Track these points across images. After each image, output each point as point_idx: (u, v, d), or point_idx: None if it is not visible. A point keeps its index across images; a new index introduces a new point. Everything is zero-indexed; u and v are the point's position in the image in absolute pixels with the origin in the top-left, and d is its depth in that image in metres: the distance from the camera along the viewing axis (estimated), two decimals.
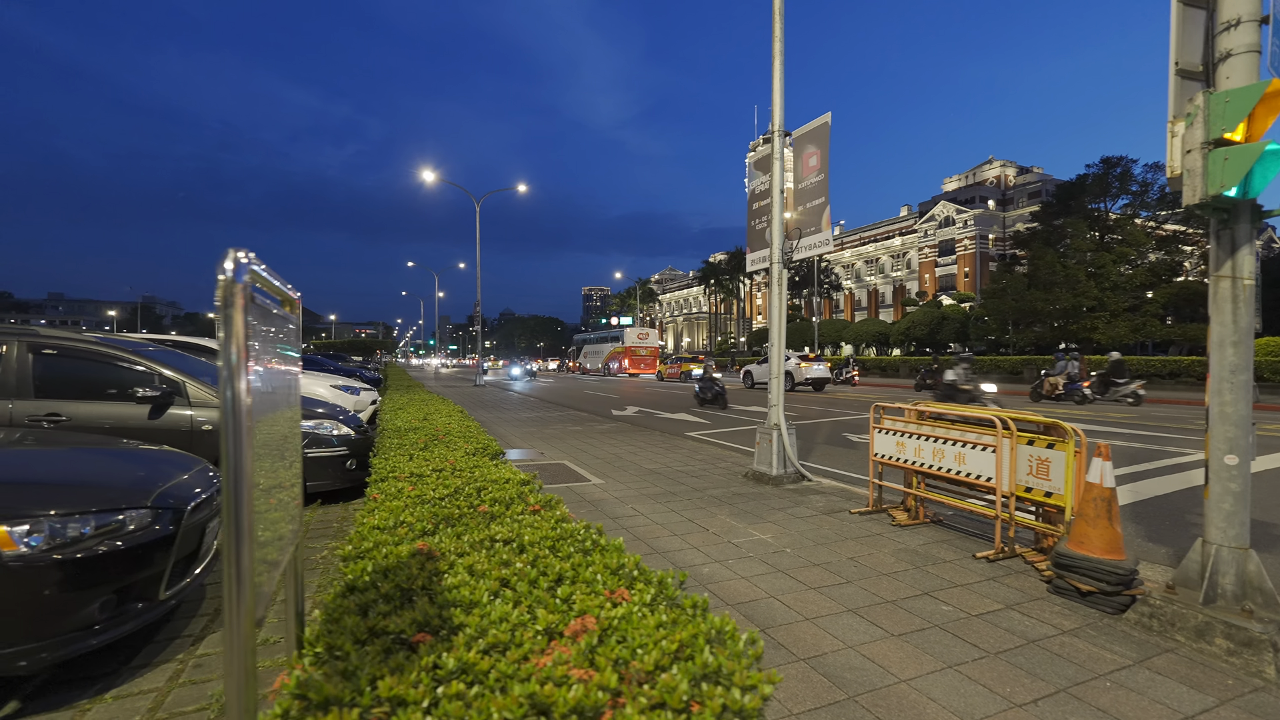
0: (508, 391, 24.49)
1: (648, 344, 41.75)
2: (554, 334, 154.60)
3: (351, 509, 5.34)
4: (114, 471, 2.88)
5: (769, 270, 6.87)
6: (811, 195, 6.46)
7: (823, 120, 6.26)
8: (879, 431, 5.28)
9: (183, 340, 8.34)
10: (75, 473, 2.78)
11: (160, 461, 3.12)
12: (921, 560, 4.08)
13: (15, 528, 2.23)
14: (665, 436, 10.47)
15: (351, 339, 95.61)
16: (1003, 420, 4.21)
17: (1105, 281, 29.37)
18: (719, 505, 5.55)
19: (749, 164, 7.45)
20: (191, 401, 4.94)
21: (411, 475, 3.15)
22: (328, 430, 5.42)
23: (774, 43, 6.72)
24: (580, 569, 1.66)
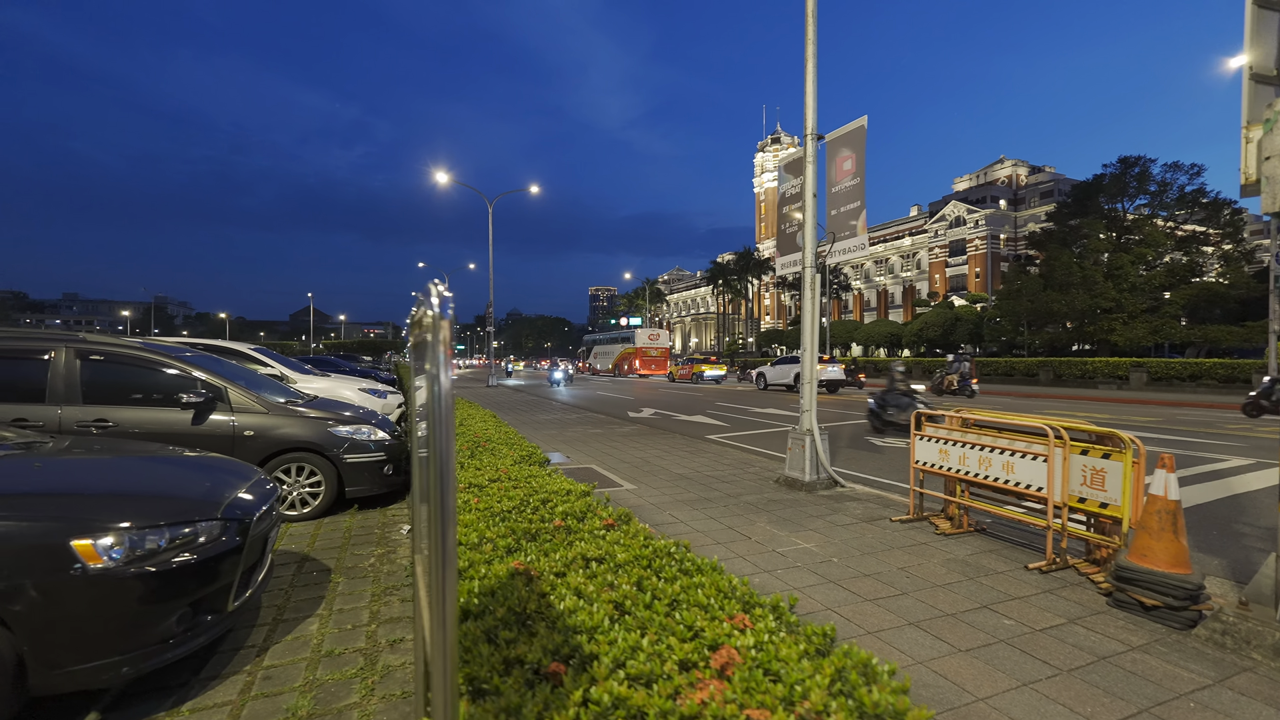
0: (520, 393, 24.53)
1: (659, 345, 41.69)
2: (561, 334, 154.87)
3: (390, 515, 5.34)
4: (182, 482, 2.88)
5: (800, 274, 6.83)
6: (846, 199, 6.41)
7: (858, 124, 6.21)
8: (920, 439, 5.23)
9: (214, 344, 8.40)
10: (145, 483, 2.79)
11: (221, 471, 3.13)
12: (973, 571, 4.03)
13: (99, 540, 2.23)
14: (687, 440, 10.44)
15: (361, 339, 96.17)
16: (1054, 429, 4.15)
17: (1123, 282, 28.97)
18: (756, 512, 5.51)
19: (779, 167, 7.41)
20: (233, 407, 4.96)
21: (471, 485, 3.14)
22: (365, 435, 5.42)
23: (806, 45, 6.68)
24: (689, 590, 1.64)
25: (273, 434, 5.00)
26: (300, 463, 5.11)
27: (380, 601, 3.41)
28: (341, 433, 5.30)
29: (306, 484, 5.16)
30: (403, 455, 5.86)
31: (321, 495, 5.17)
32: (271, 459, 5.01)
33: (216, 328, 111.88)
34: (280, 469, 5.05)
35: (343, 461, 5.20)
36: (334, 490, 5.20)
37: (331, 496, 5.20)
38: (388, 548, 4.40)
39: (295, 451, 5.09)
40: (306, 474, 5.16)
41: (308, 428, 5.17)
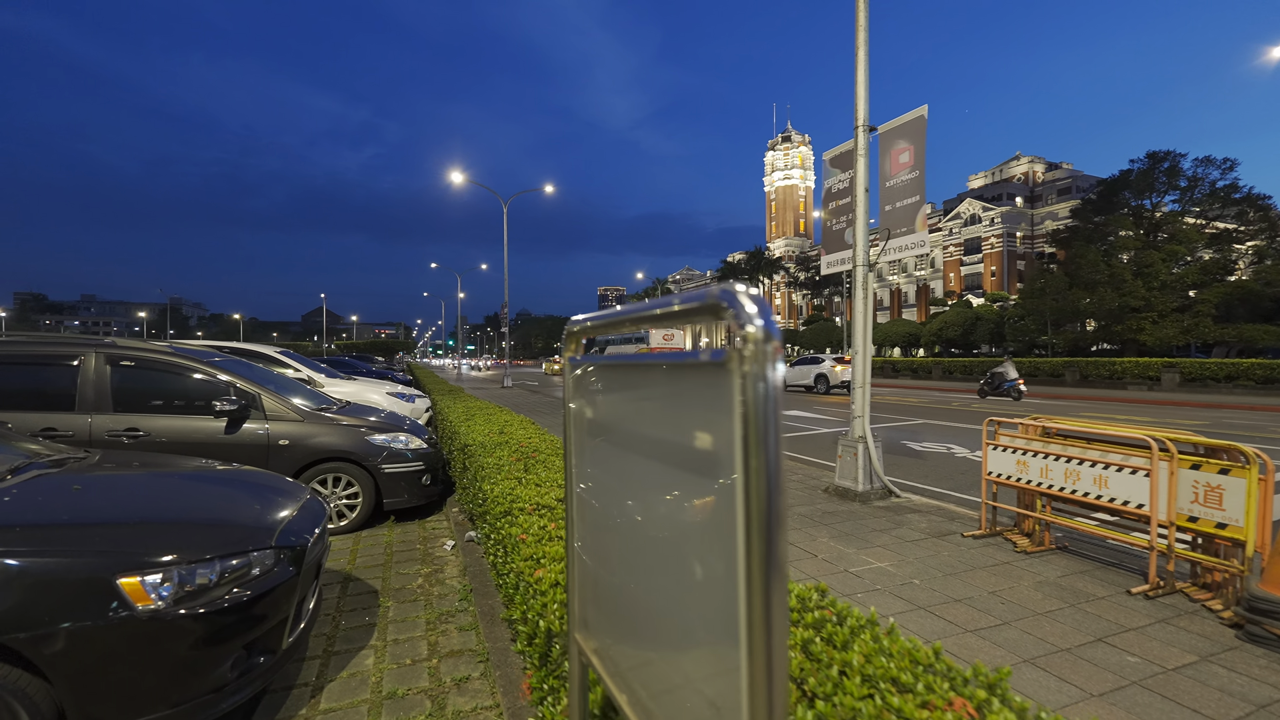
0: (536, 394, 24.30)
1: (673, 345, 41.31)
2: None
3: (429, 528, 5.08)
4: (230, 505, 2.62)
5: (850, 273, 6.50)
6: (902, 194, 6.07)
7: (917, 113, 5.87)
8: (994, 449, 4.89)
9: (239, 346, 8.20)
10: (191, 507, 2.52)
11: (268, 490, 2.86)
12: (1071, 596, 3.70)
13: (147, 576, 1.96)
14: None
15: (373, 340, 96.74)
16: (1160, 441, 3.81)
17: (1153, 281, 28.17)
18: (815, 526, 5.19)
19: (825, 161, 7.08)
20: (267, 415, 4.72)
21: (540, 507, 2.85)
22: (403, 444, 5.17)
23: (858, 32, 6.35)
24: (873, 659, 1.33)
25: (308, 443, 4.75)
26: (337, 473, 4.86)
27: (437, 631, 3.13)
28: (379, 441, 5.05)
29: (343, 495, 4.91)
30: (439, 465, 5.60)
31: (359, 508, 4.92)
32: (307, 469, 4.76)
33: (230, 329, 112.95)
34: (316, 480, 4.80)
35: (381, 472, 4.95)
36: (372, 502, 4.95)
37: (369, 509, 4.94)
38: (433, 565, 4.13)
39: (332, 461, 4.84)
40: (343, 485, 4.91)
41: (344, 436, 4.92)
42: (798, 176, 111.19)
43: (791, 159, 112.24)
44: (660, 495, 0.79)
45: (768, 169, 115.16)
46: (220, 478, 3.02)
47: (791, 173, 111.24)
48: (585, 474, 1.05)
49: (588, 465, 1.04)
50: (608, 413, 0.96)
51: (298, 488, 3.05)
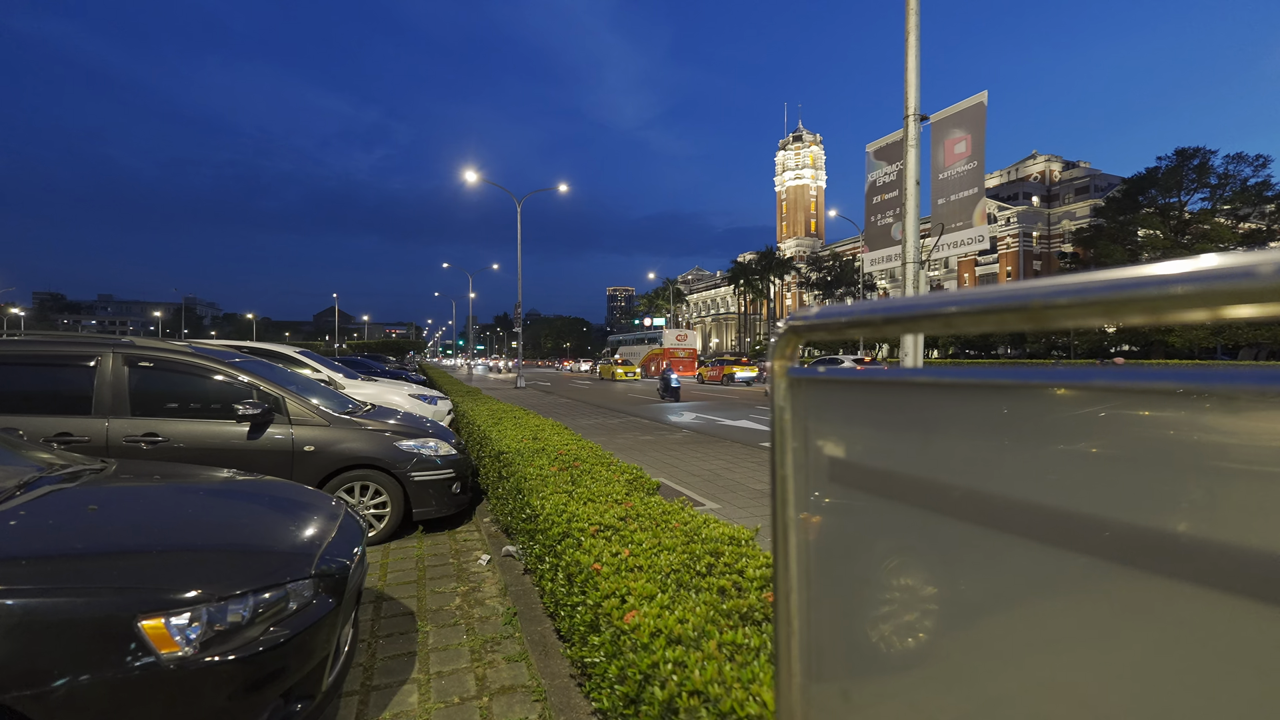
0: (550, 395, 24.07)
1: (686, 345, 40.97)
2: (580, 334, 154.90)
3: (460, 540, 4.79)
4: (263, 525, 2.33)
5: (896, 271, 6.16)
6: (958, 186, 5.73)
7: (976, 100, 5.52)
8: None
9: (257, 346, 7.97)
10: (220, 530, 2.24)
11: (301, 506, 2.58)
12: None
13: (173, 618, 1.68)
14: (746, 449, 9.80)
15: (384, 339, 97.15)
16: None
17: None
18: None
19: (869, 153, 6.74)
20: (292, 419, 4.46)
21: (603, 528, 2.54)
22: (433, 450, 4.89)
23: (908, 16, 6.00)
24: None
25: (335, 449, 4.48)
26: (364, 481, 4.59)
27: (483, 662, 2.84)
28: (408, 447, 4.77)
29: (371, 505, 4.64)
30: (469, 472, 5.32)
31: (387, 518, 4.64)
32: (332, 478, 4.49)
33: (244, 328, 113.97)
34: (343, 489, 4.53)
35: (410, 480, 4.67)
36: (400, 512, 4.67)
37: (398, 519, 4.67)
38: (469, 583, 3.84)
39: (359, 469, 4.56)
40: (371, 494, 4.63)
41: (372, 442, 4.64)
42: (809, 176, 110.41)
43: (803, 158, 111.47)
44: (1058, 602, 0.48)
45: (779, 168, 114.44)
46: (248, 492, 2.74)
47: (803, 172, 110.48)
48: (837, 535, 0.74)
49: (843, 523, 0.73)
50: (889, 453, 0.65)
51: (334, 502, 2.76)
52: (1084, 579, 0.45)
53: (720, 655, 1.46)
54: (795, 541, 0.76)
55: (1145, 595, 0.41)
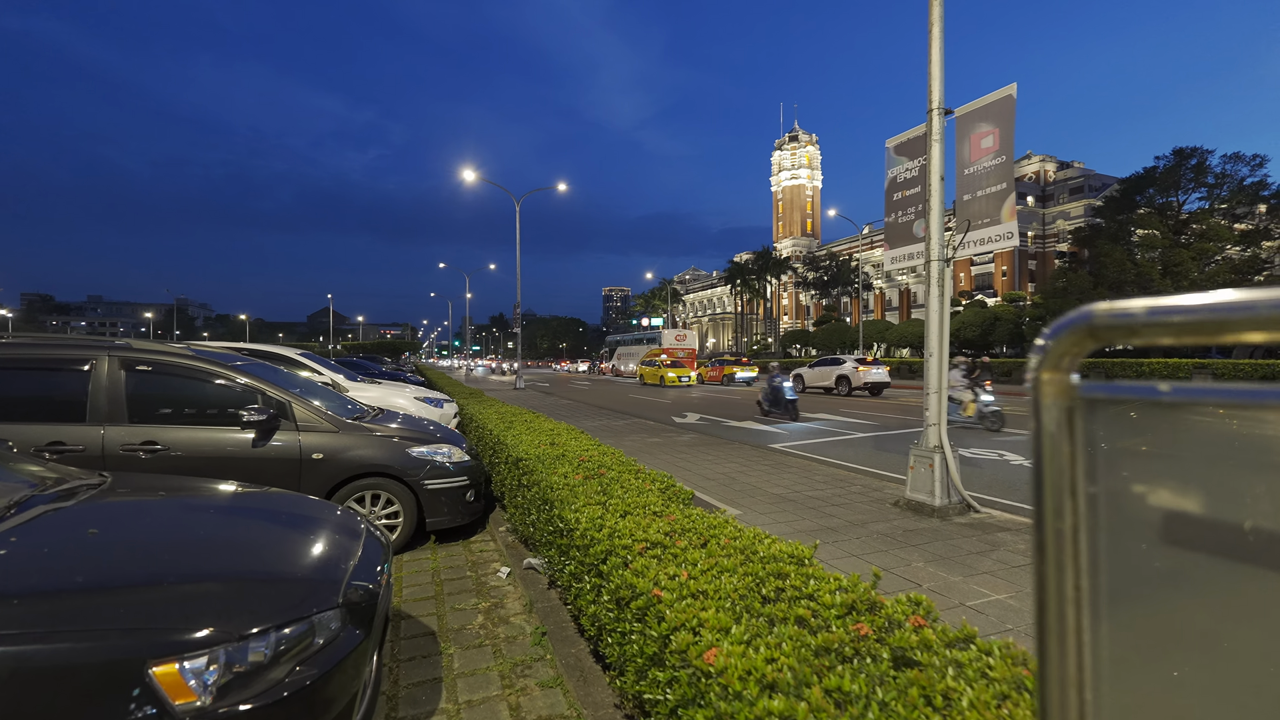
0: (551, 396, 23.83)
1: (686, 345, 40.76)
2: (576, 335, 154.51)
3: (475, 550, 4.58)
4: (281, 548, 2.12)
5: (920, 269, 5.99)
6: (985, 181, 5.56)
7: (1005, 93, 5.35)
8: None
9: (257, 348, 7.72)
10: (234, 553, 2.02)
11: (320, 523, 2.37)
12: None
13: (188, 662, 1.47)
14: (757, 450, 9.62)
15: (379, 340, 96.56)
16: None
17: (1182, 280, 27.50)
18: (900, 547, 4.68)
19: (889, 149, 6.56)
20: (299, 425, 4.23)
21: (653, 545, 2.34)
22: (446, 457, 4.67)
23: (931, 8, 5.83)
24: None
25: (344, 456, 4.26)
26: (376, 490, 4.37)
27: (515, 689, 2.63)
28: (420, 454, 4.56)
29: (383, 515, 4.42)
30: (482, 479, 5.11)
31: (400, 528, 4.42)
32: (342, 486, 4.28)
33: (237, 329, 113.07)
34: (353, 498, 4.31)
35: (423, 488, 4.46)
36: (413, 522, 4.46)
37: (410, 529, 4.45)
38: (490, 599, 3.63)
39: (370, 477, 4.35)
40: (382, 503, 4.42)
41: (384, 449, 4.43)
42: (805, 176, 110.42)
43: (799, 159, 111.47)
44: None
45: (774, 169, 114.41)
46: (261, 508, 2.52)
47: (799, 172, 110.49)
48: (1175, 625, 0.54)
49: (1188, 607, 0.52)
50: None
51: (354, 519, 2.55)
52: None
53: (828, 705, 1.26)
54: (1090, 636, 0.55)
55: None
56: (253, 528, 2.28)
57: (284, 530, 2.28)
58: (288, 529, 2.29)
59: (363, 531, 2.40)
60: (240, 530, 2.23)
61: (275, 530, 2.28)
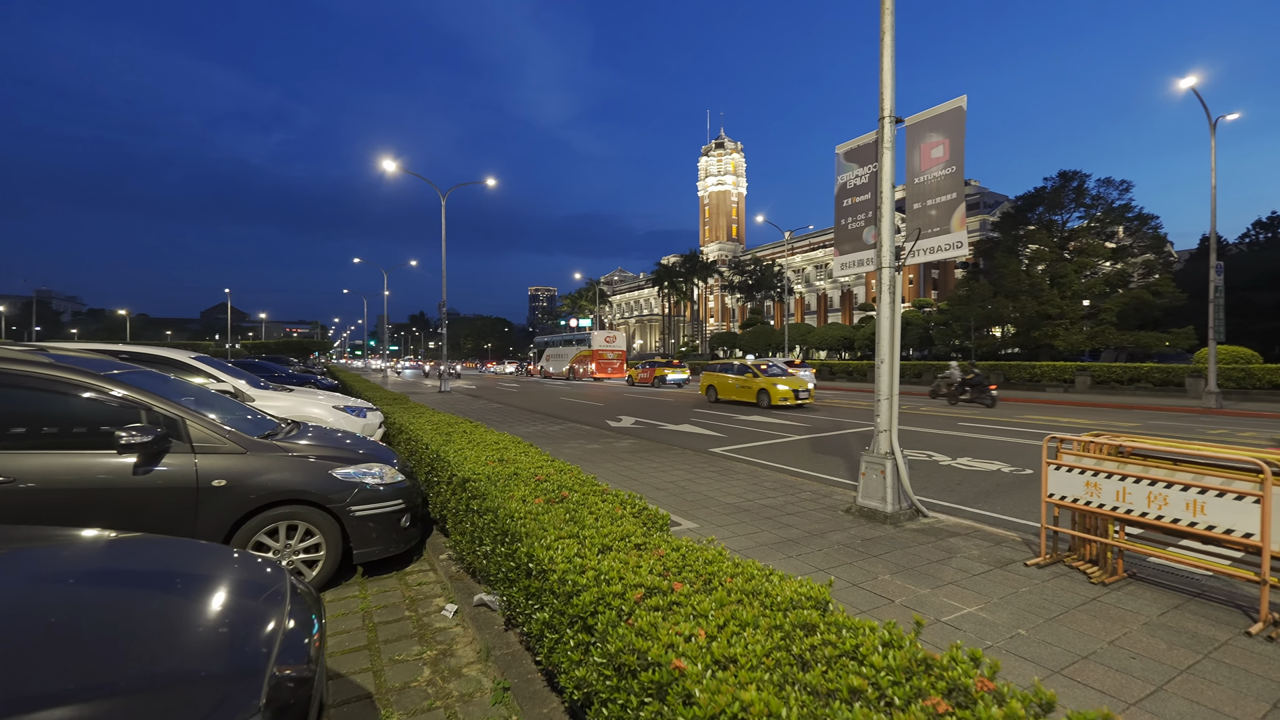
0: (479, 399, 22.80)
1: (615, 347, 40.52)
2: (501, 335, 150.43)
3: (411, 583, 4.04)
4: (175, 630, 1.57)
5: (871, 274, 6.01)
6: (935, 190, 5.64)
7: (955, 104, 5.45)
8: (1056, 469, 4.49)
9: (140, 350, 6.63)
10: (106, 650, 1.46)
11: (224, 582, 1.84)
12: (1193, 642, 3.28)
13: None
14: (699, 455, 9.49)
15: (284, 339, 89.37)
16: (1275, 465, 3.47)
17: (1066, 290, 30.67)
18: (861, 557, 4.61)
19: (839, 155, 6.58)
20: (195, 446, 3.55)
21: (647, 590, 2.01)
22: (378, 478, 4.10)
23: (883, 16, 5.88)
24: None
25: (254, 482, 3.61)
26: (292, 520, 3.74)
27: None
28: (346, 476, 3.96)
29: (300, 548, 3.79)
30: (420, 501, 4.57)
31: (321, 563, 3.82)
32: (251, 518, 3.62)
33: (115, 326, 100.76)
34: (264, 531, 3.66)
35: (349, 515, 3.87)
36: (338, 555, 3.86)
37: (334, 563, 3.86)
38: (437, 645, 3.15)
39: (285, 505, 3.71)
40: (300, 535, 3.79)
41: (302, 471, 3.80)
42: (730, 183, 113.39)
43: (725, 165, 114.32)
44: None
45: (701, 174, 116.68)
46: (140, 568, 1.94)
47: (725, 179, 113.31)
48: None
49: None
50: None
51: (271, 570, 2.03)
52: None
53: None
54: None
55: None
56: (132, 601, 1.71)
57: (177, 598, 1.74)
58: (180, 598, 1.75)
59: (286, 589, 1.90)
60: (115, 606, 1.66)
61: (165, 598, 1.73)
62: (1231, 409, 17.68)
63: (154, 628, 1.55)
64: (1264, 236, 46.12)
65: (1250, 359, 22.61)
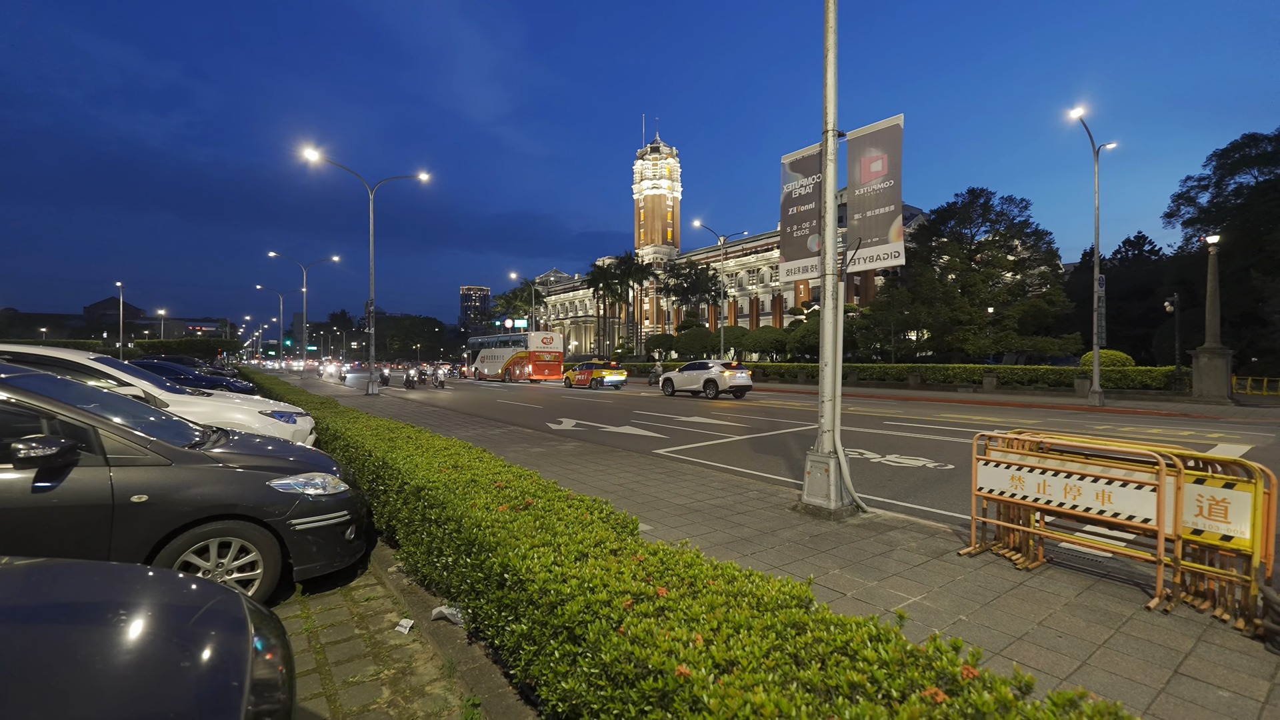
0: (412, 402, 21.87)
1: (552, 349, 40.02)
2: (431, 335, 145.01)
3: (359, 599, 3.81)
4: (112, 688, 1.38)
5: (816, 281, 6.27)
6: (875, 203, 5.95)
7: (892, 122, 5.77)
8: (985, 464, 4.85)
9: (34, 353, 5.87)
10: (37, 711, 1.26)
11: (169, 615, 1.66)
12: (1106, 618, 3.63)
13: None
14: (645, 457, 9.54)
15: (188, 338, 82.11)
16: (1167, 457, 3.91)
17: (975, 298, 33.42)
18: (812, 553, 4.79)
19: (785, 165, 6.82)
20: (110, 458, 3.20)
21: (634, 596, 2.00)
22: (320, 489, 3.84)
23: (827, 34, 6.15)
24: None
25: (181, 497, 3.28)
26: (225, 536, 3.43)
27: None
28: (285, 487, 3.68)
29: (233, 567, 3.49)
30: (365, 511, 4.32)
31: (257, 582, 3.52)
32: (176, 535, 3.29)
33: None
34: (192, 550, 3.34)
35: (289, 529, 3.60)
36: (276, 572, 3.58)
37: (272, 582, 3.57)
38: (395, 664, 2.99)
39: (217, 520, 3.40)
40: (233, 553, 3.48)
41: (235, 483, 3.50)
42: (666, 187, 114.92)
43: (660, 169, 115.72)
44: None
45: (637, 177, 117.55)
46: (76, 599, 1.71)
47: (660, 183, 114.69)
48: None
49: None
50: None
51: (222, 592, 1.85)
52: None
53: None
54: None
55: None
56: (57, 642, 1.47)
57: (120, 636, 1.53)
58: (126, 632, 1.54)
59: (244, 611, 1.74)
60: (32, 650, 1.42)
61: (104, 638, 1.51)
62: (1112, 406, 19.75)
63: (103, 670, 1.37)
64: (1132, 253, 52.05)
65: (1125, 362, 25.39)
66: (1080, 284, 40.01)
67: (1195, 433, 13.24)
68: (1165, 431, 13.37)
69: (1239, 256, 30.97)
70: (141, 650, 1.48)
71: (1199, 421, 15.86)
